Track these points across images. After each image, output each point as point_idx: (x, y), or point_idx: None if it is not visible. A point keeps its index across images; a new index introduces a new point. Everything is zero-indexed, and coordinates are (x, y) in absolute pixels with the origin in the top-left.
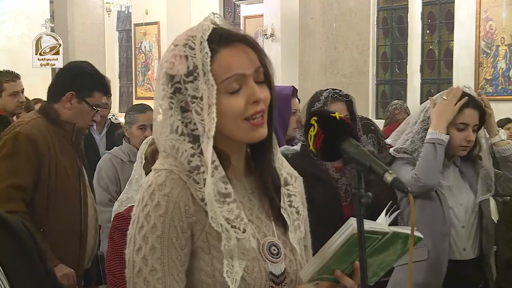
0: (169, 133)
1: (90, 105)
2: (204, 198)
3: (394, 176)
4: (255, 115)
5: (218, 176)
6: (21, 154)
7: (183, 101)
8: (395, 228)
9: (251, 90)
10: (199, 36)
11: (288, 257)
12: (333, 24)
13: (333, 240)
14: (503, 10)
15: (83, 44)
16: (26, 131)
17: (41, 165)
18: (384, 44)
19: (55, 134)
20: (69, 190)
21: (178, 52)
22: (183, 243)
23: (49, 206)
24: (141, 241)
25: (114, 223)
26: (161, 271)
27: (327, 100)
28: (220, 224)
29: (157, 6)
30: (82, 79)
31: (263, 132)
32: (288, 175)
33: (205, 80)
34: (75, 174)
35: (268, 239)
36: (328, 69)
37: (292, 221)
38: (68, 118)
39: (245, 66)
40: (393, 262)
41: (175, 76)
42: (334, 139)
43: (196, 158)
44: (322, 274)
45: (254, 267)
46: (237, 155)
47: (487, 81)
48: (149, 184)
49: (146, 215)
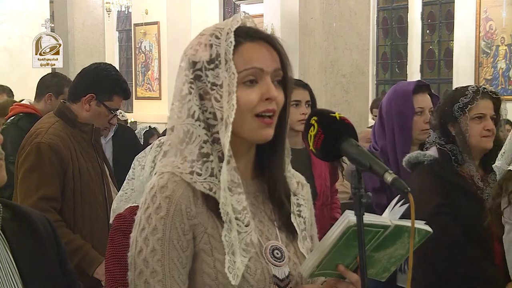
0: (186, 117)
1: (108, 108)
2: (212, 188)
3: (394, 176)
4: (266, 112)
5: (232, 165)
6: (45, 165)
7: (202, 89)
8: (397, 221)
9: (266, 87)
10: (226, 28)
11: (292, 260)
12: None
13: (330, 233)
14: (503, 10)
15: (83, 44)
16: (47, 140)
17: (66, 172)
18: (384, 44)
19: (75, 137)
20: (94, 192)
21: (203, 41)
22: (185, 245)
23: (76, 209)
24: (143, 243)
25: (115, 224)
26: (161, 273)
27: (477, 94)
28: (226, 212)
29: (157, 6)
30: (104, 82)
31: (270, 132)
32: (296, 183)
33: (227, 68)
34: (98, 175)
35: (271, 243)
36: (328, 69)
37: (301, 230)
38: (86, 120)
39: (265, 63)
40: (403, 257)
41: (197, 63)
42: (334, 139)
43: (208, 145)
44: (324, 269)
45: (257, 268)
46: (245, 158)
47: (487, 81)
48: (151, 187)
49: (148, 218)
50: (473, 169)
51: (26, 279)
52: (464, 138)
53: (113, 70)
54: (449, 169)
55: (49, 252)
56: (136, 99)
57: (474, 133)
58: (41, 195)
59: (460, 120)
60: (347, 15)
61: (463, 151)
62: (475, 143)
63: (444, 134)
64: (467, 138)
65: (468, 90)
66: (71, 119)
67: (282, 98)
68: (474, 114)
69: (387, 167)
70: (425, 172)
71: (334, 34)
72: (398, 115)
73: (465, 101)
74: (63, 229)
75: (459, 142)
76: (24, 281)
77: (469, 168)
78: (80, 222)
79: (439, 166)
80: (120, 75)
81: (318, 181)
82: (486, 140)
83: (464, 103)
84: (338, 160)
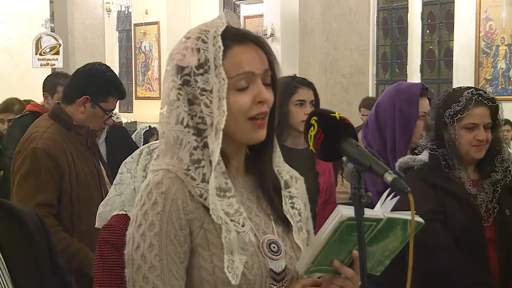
0: (175, 124)
1: (103, 110)
2: (203, 194)
3: (394, 176)
4: (259, 115)
5: (219, 171)
6: (41, 170)
7: (191, 94)
8: (390, 214)
9: (258, 90)
10: (212, 31)
11: (288, 254)
12: (333, 24)
13: (323, 229)
14: (503, 10)
15: (83, 44)
16: (43, 145)
17: (62, 177)
18: (384, 44)
19: (71, 140)
20: (91, 196)
21: (190, 45)
22: (182, 240)
23: (74, 214)
24: (140, 239)
25: (103, 234)
26: (159, 267)
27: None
28: (220, 217)
29: (157, 6)
30: (98, 83)
31: (262, 134)
32: (289, 177)
33: (216, 73)
34: (95, 177)
35: (267, 237)
36: (328, 69)
37: (296, 222)
38: (81, 122)
39: (255, 65)
40: (397, 249)
41: (185, 68)
42: (334, 139)
43: (199, 151)
44: (319, 265)
45: (254, 263)
46: (237, 156)
47: (487, 81)
48: (147, 184)
49: (144, 214)
50: (464, 175)
51: (16, 278)
52: (454, 145)
53: (108, 71)
54: (440, 174)
55: (40, 251)
56: (136, 99)
57: (463, 142)
58: (37, 202)
59: (449, 127)
60: (347, 15)
61: (454, 157)
62: (464, 152)
63: (437, 138)
64: (457, 146)
65: (463, 96)
66: (66, 122)
67: (272, 98)
68: (465, 123)
69: (387, 167)
70: (415, 177)
71: (334, 34)
72: (402, 116)
73: (457, 109)
74: (61, 233)
75: (449, 148)
76: (14, 280)
77: (460, 175)
78: (78, 226)
79: (429, 171)
80: (114, 75)
81: (322, 178)
82: (476, 149)
83: (455, 111)
84: (340, 162)
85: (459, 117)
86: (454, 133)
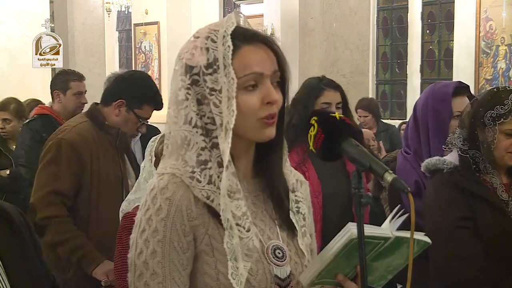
0: (183, 123)
1: (137, 116)
2: (210, 196)
3: (394, 176)
4: (269, 117)
5: (230, 171)
6: (62, 161)
7: (200, 94)
8: (398, 233)
9: (267, 90)
10: (222, 30)
11: (293, 260)
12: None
13: (332, 244)
14: (503, 10)
15: (83, 44)
16: (70, 138)
17: (83, 172)
18: (384, 44)
19: (100, 139)
20: (112, 195)
21: (199, 44)
22: (185, 247)
23: (91, 210)
24: (143, 245)
25: (122, 223)
26: (162, 275)
27: None
28: (227, 219)
29: (157, 6)
30: (136, 90)
31: (272, 131)
32: (295, 181)
33: (226, 73)
34: (118, 180)
35: (272, 242)
36: (328, 69)
37: (300, 227)
38: (114, 124)
39: (265, 66)
40: (401, 266)
41: (194, 68)
42: (334, 139)
43: (206, 152)
44: (323, 278)
45: (259, 269)
46: (245, 157)
47: (487, 81)
48: (152, 188)
49: (148, 219)
50: (496, 180)
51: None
52: (490, 148)
53: (148, 80)
54: (471, 178)
55: (28, 246)
56: None
57: (500, 148)
58: (53, 189)
59: (488, 129)
60: (347, 15)
61: (487, 160)
62: (499, 157)
63: (470, 138)
64: (492, 149)
65: (509, 99)
66: (100, 121)
67: (281, 99)
68: (507, 128)
69: (387, 167)
70: (445, 182)
71: (334, 34)
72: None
73: (501, 112)
74: (70, 225)
75: (483, 150)
76: (9, 275)
77: (492, 179)
78: (93, 223)
79: (459, 175)
80: (154, 85)
81: None
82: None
83: (498, 114)
84: None
85: (502, 121)
86: (492, 136)
